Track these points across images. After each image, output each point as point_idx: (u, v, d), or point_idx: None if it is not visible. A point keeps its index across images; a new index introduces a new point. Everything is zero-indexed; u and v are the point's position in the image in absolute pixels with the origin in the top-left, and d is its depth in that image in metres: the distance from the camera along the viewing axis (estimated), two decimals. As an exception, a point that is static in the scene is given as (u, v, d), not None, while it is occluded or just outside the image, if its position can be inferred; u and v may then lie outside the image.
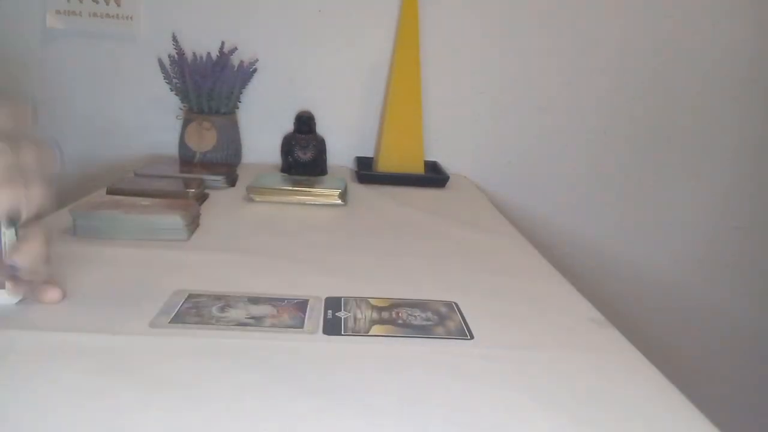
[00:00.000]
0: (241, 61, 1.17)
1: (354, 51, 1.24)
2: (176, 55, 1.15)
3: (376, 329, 0.51)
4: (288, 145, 1.14)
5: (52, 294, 0.52)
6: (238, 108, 1.21)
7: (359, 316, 0.54)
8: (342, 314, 0.54)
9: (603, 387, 0.45)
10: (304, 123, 1.15)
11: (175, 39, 1.15)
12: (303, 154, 1.13)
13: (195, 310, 0.52)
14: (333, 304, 0.56)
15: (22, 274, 0.48)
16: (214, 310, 0.53)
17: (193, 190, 0.86)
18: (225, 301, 0.55)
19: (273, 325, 0.51)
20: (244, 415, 0.38)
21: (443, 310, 0.56)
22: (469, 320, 0.55)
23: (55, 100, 1.22)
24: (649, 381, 0.47)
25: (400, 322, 0.53)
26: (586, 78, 1.28)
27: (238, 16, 1.20)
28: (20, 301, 0.51)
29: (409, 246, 0.78)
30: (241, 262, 0.66)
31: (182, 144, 1.14)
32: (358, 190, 1.05)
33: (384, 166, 1.18)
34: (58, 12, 1.16)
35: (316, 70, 1.24)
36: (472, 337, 0.51)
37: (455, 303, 0.58)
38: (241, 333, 0.49)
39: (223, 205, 0.88)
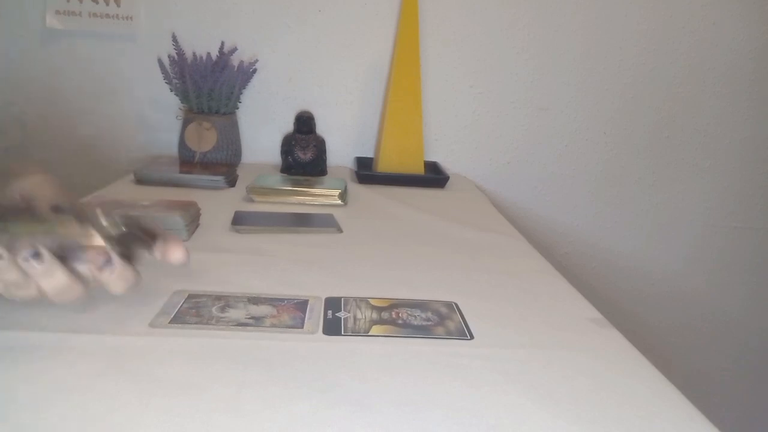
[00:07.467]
0: (241, 61, 1.17)
1: (354, 51, 1.23)
2: (176, 55, 1.15)
3: (376, 329, 0.51)
4: (288, 145, 1.14)
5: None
6: (238, 108, 1.21)
7: (359, 316, 0.54)
8: (342, 314, 0.54)
9: (603, 387, 0.45)
10: (304, 123, 1.15)
11: (174, 39, 1.15)
12: (303, 154, 1.13)
13: (195, 310, 0.52)
14: (333, 304, 0.56)
15: None
16: (214, 310, 0.53)
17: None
18: (225, 301, 0.55)
19: (273, 325, 0.51)
20: (244, 415, 0.38)
21: (443, 310, 0.56)
22: (469, 320, 0.55)
23: (55, 100, 1.22)
24: (649, 381, 0.47)
25: (400, 322, 0.53)
26: (585, 78, 1.28)
27: (238, 16, 1.20)
28: None
29: (409, 246, 0.78)
30: (241, 262, 0.66)
31: (182, 144, 1.14)
32: (358, 190, 1.05)
33: (384, 166, 1.18)
34: (57, 12, 1.16)
35: (316, 70, 1.24)
36: (472, 337, 0.51)
37: (455, 303, 0.58)
38: (241, 333, 0.49)
39: (223, 205, 0.88)
